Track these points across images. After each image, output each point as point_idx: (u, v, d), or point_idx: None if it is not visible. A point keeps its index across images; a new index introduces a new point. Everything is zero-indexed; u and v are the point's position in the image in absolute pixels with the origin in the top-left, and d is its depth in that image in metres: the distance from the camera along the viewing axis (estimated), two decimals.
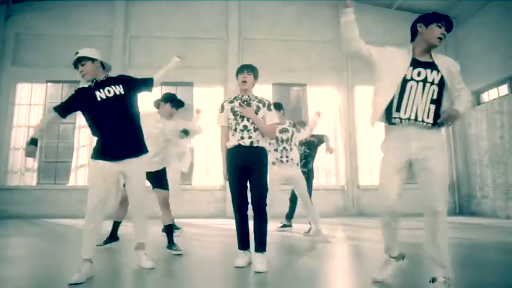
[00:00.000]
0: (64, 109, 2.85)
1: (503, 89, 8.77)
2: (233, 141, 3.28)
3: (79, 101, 2.85)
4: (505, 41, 8.54)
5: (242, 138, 3.24)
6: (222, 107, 3.43)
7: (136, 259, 3.13)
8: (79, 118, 9.38)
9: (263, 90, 9.61)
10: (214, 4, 10.35)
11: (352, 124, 10.02)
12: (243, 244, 3.26)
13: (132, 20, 10.14)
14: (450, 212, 9.59)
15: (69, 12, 10.05)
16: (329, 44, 10.41)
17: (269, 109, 3.35)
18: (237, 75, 3.44)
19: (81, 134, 9.50)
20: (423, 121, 2.26)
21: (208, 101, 9.82)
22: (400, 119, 2.30)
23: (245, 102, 3.33)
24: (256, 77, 3.43)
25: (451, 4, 10.06)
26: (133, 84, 3.01)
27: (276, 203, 4.57)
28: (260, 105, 3.35)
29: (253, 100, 3.37)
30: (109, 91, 2.84)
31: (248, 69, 3.39)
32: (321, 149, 6.12)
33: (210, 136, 9.66)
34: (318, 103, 9.96)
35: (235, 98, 3.44)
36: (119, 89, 2.88)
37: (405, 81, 2.31)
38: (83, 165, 9.35)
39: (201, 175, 9.64)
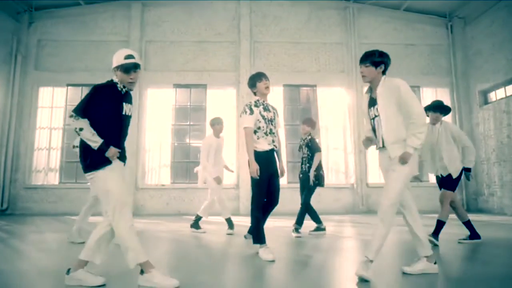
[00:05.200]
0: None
1: (510, 89, 8.86)
2: (265, 145, 3.47)
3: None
4: (511, 42, 8.63)
5: (273, 141, 3.55)
6: (252, 110, 3.47)
7: None
8: None
9: (274, 92, 9.88)
10: (226, 8, 10.66)
11: (361, 124, 10.20)
12: (264, 238, 3.42)
13: (147, 25, 10.51)
14: None
15: (87, 18, 10.48)
16: (338, 46, 10.61)
17: (277, 115, 3.76)
18: (260, 78, 3.59)
19: None
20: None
21: (221, 103, 10.19)
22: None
23: (267, 107, 3.61)
24: None
25: (458, 4, 10.14)
26: None
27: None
28: (275, 111, 3.74)
29: (271, 107, 3.70)
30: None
31: (266, 77, 3.64)
32: (330, 149, 6.31)
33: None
34: (328, 103, 10.24)
35: (257, 102, 3.58)
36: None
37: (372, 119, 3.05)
38: None
39: None
